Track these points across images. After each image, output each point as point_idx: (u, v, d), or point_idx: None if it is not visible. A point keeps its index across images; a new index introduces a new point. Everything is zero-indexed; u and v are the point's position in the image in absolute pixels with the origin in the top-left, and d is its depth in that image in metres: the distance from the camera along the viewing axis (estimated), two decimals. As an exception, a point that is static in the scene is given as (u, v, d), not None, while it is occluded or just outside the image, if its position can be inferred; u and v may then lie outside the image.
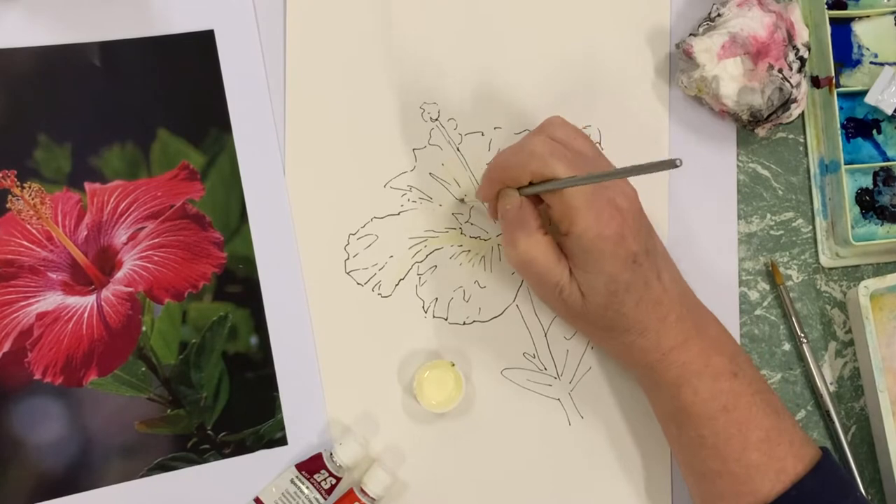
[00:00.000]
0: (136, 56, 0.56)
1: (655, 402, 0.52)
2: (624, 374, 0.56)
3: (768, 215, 0.59)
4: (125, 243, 0.54)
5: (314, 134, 0.57)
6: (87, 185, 0.55)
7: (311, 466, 0.52)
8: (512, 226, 0.49)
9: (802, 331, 0.58)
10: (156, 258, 0.54)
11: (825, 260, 0.59)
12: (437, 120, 0.58)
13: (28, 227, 0.54)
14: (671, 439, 0.52)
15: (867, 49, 0.61)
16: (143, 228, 0.55)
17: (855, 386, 0.58)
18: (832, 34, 0.58)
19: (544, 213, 0.49)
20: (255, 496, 0.53)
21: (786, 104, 0.56)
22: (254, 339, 0.55)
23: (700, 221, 0.58)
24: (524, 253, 0.49)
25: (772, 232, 0.59)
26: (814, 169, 0.60)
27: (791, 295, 0.59)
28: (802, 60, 0.57)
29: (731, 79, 0.56)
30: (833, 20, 0.59)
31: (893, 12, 0.61)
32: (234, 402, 0.54)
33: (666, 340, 0.49)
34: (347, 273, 0.56)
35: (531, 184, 0.48)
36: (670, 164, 0.37)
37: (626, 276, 0.47)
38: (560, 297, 0.49)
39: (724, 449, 0.48)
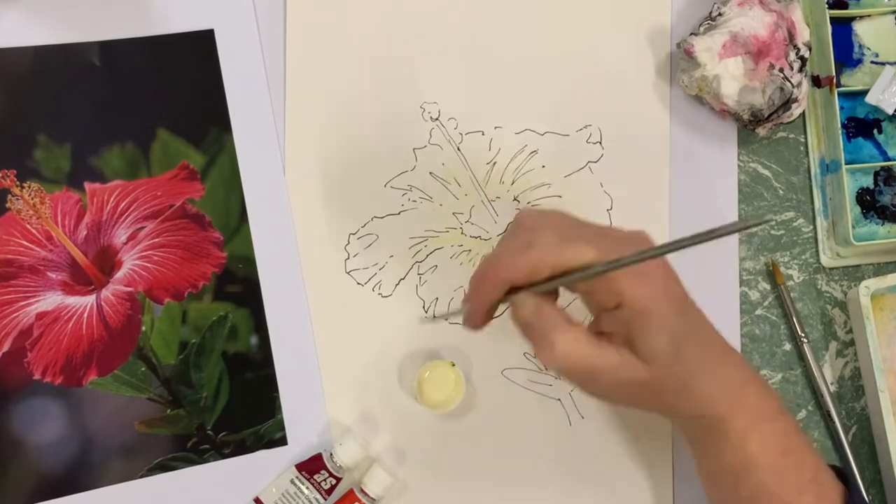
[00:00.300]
0: (135, 56, 0.56)
1: (715, 455, 0.46)
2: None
3: (769, 215, 0.59)
4: (125, 243, 0.54)
5: (314, 133, 0.57)
6: (87, 185, 0.54)
7: (311, 467, 0.52)
8: (540, 331, 0.42)
9: (803, 331, 0.58)
10: (156, 258, 0.54)
11: (826, 260, 0.59)
12: (437, 119, 0.58)
13: (28, 226, 0.54)
14: (723, 492, 0.47)
15: (868, 48, 0.61)
16: (142, 228, 0.55)
17: (856, 386, 0.58)
18: (833, 34, 0.58)
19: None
20: (255, 496, 0.53)
21: (787, 104, 0.56)
22: (254, 339, 0.55)
23: (701, 221, 0.58)
24: (568, 357, 0.42)
25: (772, 232, 0.59)
26: (814, 169, 0.60)
27: (792, 295, 0.58)
28: (803, 60, 0.56)
29: (731, 78, 0.56)
30: (834, 19, 0.59)
31: (894, 12, 0.61)
32: (234, 402, 0.54)
33: (732, 382, 0.45)
34: (348, 273, 0.56)
35: (549, 279, 0.41)
36: (756, 223, 0.34)
37: (683, 323, 0.43)
38: (619, 380, 0.43)
39: (784, 494, 0.45)
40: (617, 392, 0.45)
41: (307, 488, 0.52)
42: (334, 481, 0.52)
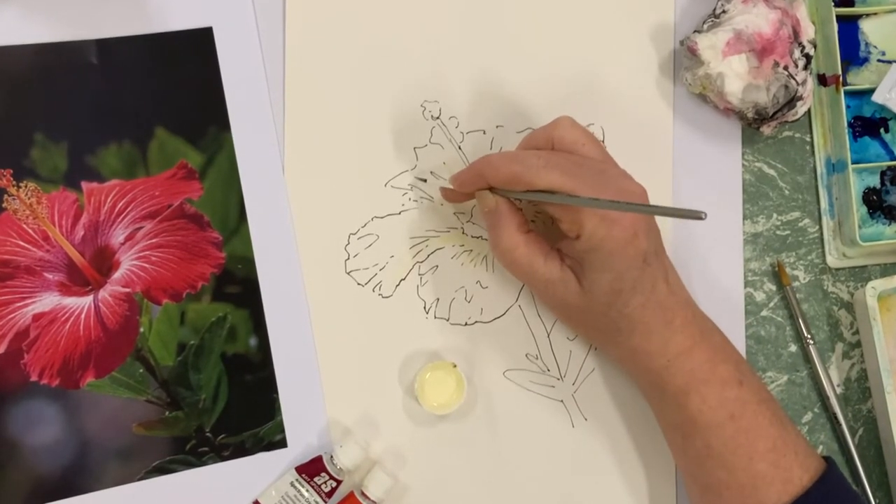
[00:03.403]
0: (133, 54, 0.55)
1: (660, 411, 0.51)
2: (627, 376, 0.56)
3: (774, 215, 0.59)
4: (122, 243, 0.54)
5: (314, 132, 0.56)
6: (84, 185, 0.54)
7: (312, 469, 0.52)
8: (494, 223, 0.50)
9: (809, 332, 0.57)
10: (154, 258, 0.54)
11: (832, 260, 0.59)
12: (438, 118, 0.57)
13: (24, 226, 0.53)
14: (676, 451, 0.51)
15: (874, 47, 0.60)
16: (140, 228, 0.54)
17: (862, 388, 0.58)
18: (839, 31, 0.58)
19: (528, 209, 0.50)
20: (254, 499, 0.53)
21: (791, 102, 0.55)
22: (253, 341, 0.54)
23: (705, 221, 0.58)
24: (506, 252, 0.49)
25: (778, 232, 0.59)
26: (820, 168, 0.59)
27: (797, 296, 0.58)
28: (808, 58, 0.56)
29: (735, 76, 0.55)
30: (840, 17, 0.58)
31: (901, 9, 0.61)
32: (233, 403, 0.54)
33: (672, 346, 0.48)
34: (348, 273, 0.56)
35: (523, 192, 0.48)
36: (692, 215, 0.37)
37: (634, 274, 0.46)
38: (554, 294, 0.49)
39: (732, 459, 0.47)
40: (552, 305, 0.51)
41: (307, 491, 0.52)
42: (335, 484, 0.52)
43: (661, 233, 0.52)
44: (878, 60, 0.60)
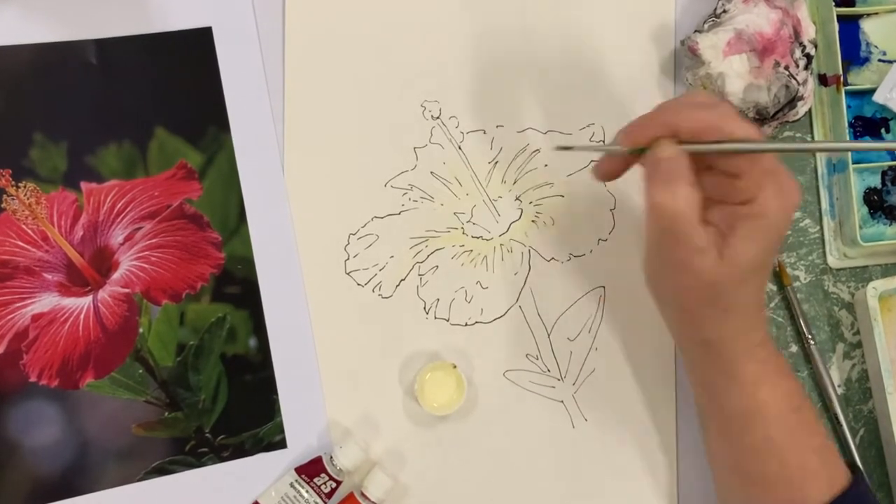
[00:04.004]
0: (133, 53, 0.55)
1: (725, 400, 0.47)
2: (628, 376, 0.56)
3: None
4: (122, 244, 0.54)
5: (313, 132, 0.56)
6: (84, 185, 0.54)
7: (311, 470, 0.52)
8: (667, 175, 0.43)
9: (810, 332, 0.57)
10: (153, 259, 0.54)
11: (833, 261, 0.59)
12: (438, 118, 0.57)
13: (23, 227, 0.53)
14: (726, 441, 0.48)
15: (875, 47, 0.60)
16: (140, 228, 0.54)
17: (863, 388, 0.58)
18: (840, 31, 0.57)
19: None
20: (254, 500, 0.53)
21: (792, 102, 0.55)
22: (252, 341, 0.54)
23: (706, 221, 0.58)
24: (676, 205, 0.43)
25: (778, 232, 0.59)
26: (821, 168, 0.59)
27: (798, 296, 0.58)
28: (809, 57, 0.56)
29: (736, 76, 0.55)
30: (841, 17, 0.58)
31: (902, 9, 0.61)
32: (233, 404, 0.54)
33: (756, 333, 0.46)
34: (348, 273, 0.56)
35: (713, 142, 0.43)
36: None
37: (772, 257, 0.45)
38: (685, 265, 0.44)
39: (788, 451, 0.46)
40: (675, 275, 0.46)
41: (307, 492, 0.52)
42: (334, 485, 0.52)
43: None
44: (879, 60, 0.60)
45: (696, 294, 0.46)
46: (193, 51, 0.56)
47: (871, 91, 0.58)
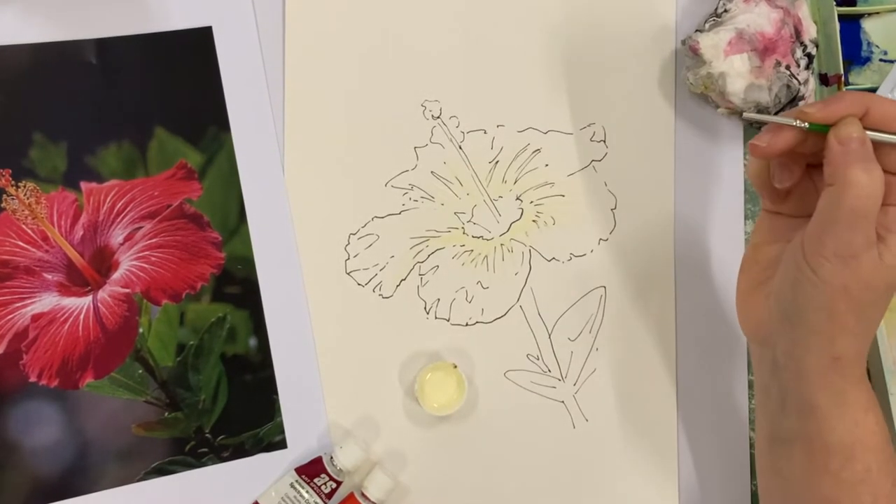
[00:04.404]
0: (132, 53, 0.55)
1: (831, 426, 0.44)
2: (629, 377, 0.56)
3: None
4: (122, 244, 0.54)
5: (314, 132, 0.56)
6: (84, 185, 0.54)
7: (311, 470, 0.52)
8: (865, 154, 0.41)
9: (811, 332, 0.57)
10: (153, 259, 0.54)
11: (834, 260, 0.58)
12: (438, 118, 0.57)
13: (23, 227, 0.53)
14: (824, 476, 0.44)
15: (877, 46, 0.60)
16: (139, 228, 0.54)
17: (864, 388, 0.58)
18: (841, 31, 0.57)
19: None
20: (254, 500, 0.53)
21: (793, 101, 0.55)
22: (253, 341, 0.54)
23: (707, 221, 0.58)
24: (873, 185, 0.41)
25: (779, 232, 0.59)
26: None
27: (799, 296, 0.58)
28: (810, 57, 0.56)
29: (737, 75, 0.55)
30: (842, 17, 0.58)
31: (903, 9, 0.60)
32: (233, 404, 0.54)
33: (866, 355, 0.44)
34: (348, 273, 0.55)
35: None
36: None
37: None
38: (858, 254, 0.41)
39: (882, 484, 0.44)
40: (840, 263, 0.42)
41: (307, 492, 0.51)
42: (335, 485, 0.52)
43: (663, 234, 0.51)
44: (881, 60, 0.60)
45: (849, 295, 0.42)
46: (193, 50, 0.56)
47: (873, 91, 0.57)
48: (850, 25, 0.60)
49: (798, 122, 0.43)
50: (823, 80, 0.59)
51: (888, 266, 0.42)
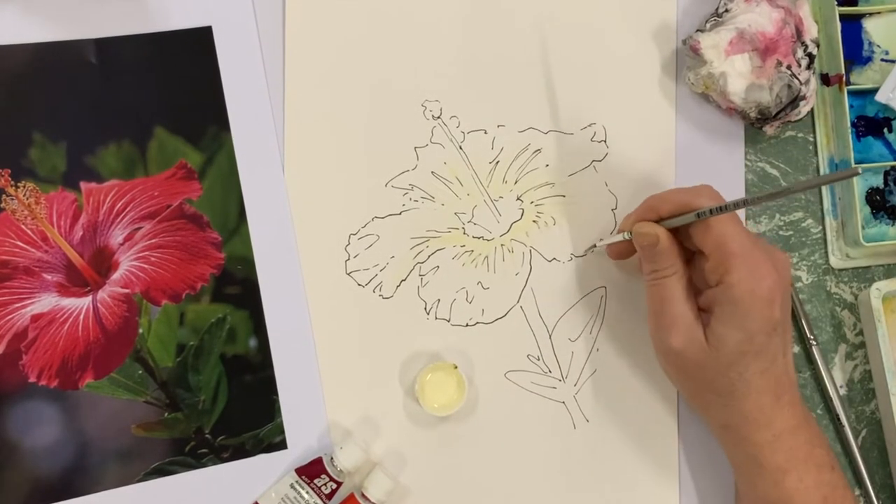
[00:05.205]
0: (132, 53, 0.55)
1: (753, 486, 0.48)
2: (630, 376, 0.56)
3: (777, 215, 0.59)
4: (121, 244, 0.54)
5: (314, 132, 0.56)
6: (83, 185, 0.54)
7: (312, 471, 0.52)
8: (652, 253, 0.48)
9: (812, 333, 0.57)
10: (153, 259, 0.54)
11: (835, 261, 0.58)
12: (439, 118, 0.57)
13: (22, 227, 0.53)
14: None
15: (878, 46, 0.60)
16: (139, 229, 0.54)
17: (865, 389, 0.57)
18: (842, 31, 0.57)
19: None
20: (254, 501, 0.52)
21: (794, 101, 0.55)
22: (253, 342, 0.54)
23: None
24: (663, 282, 0.48)
25: (781, 232, 0.58)
26: (823, 168, 0.59)
27: (800, 296, 0.58)
28: (811, 57, 0.56)
29: (738, 75, 0.55)
30: (843, 16, 0.58)
31: (905, 9, 0.60)
32: (233, 405, 0.53)
33: (779, 421, 0.47)
34: (348, 274, 0.55)
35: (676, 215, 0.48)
36: (852, 173, 0.37)
37: (762, 339, 0.45)
38: (675, 343, 0.47)
39: None
40: (670, 358, 0.48)
41: (307, 493, 0.51)
42: (335, 486, 0.52)
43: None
44: (882, 60, 0.60)
45: (692, 377, 0.48)
46: (193, 50, 0.55)
47: (874, 91, 0.57)
48: (852, 25, 0.60)
49: (625, 235, 0.51)
50: (825, 79, 0.59)
51: (713, 347, 0.46)
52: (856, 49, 0.60)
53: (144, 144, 0.54)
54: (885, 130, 0.60)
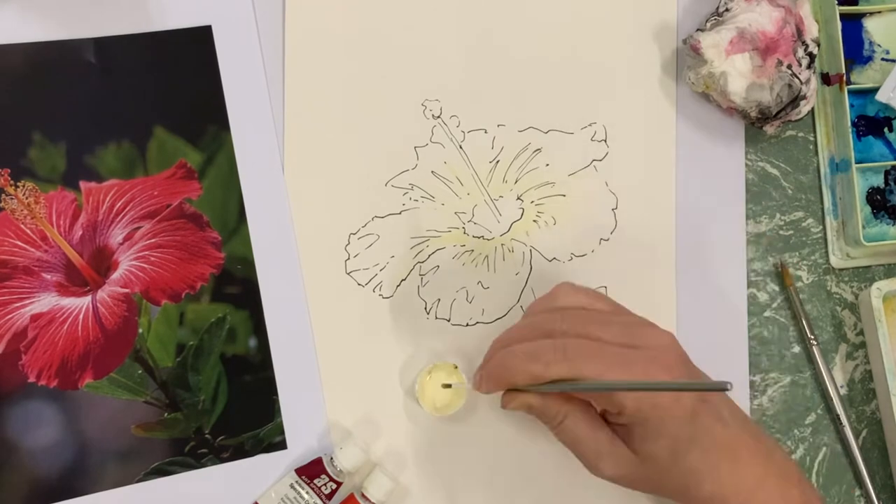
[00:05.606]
0: (132, 52, 0.55)
1: None
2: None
3: (777, 215, 0.58)
4: (121, 243, 0.53)
5: (314, 131, 0.56)
6: (83, 184, 0.54)
7: (311, 471, 0.52)
8: (539, 416, 0.47)
9: (812, 333, 0.57)
10: (152, 258, 0.53)
11: (835, 261, 0.58)
12: (439, 117, 0.57)
13: (22, 226, 0.53)
14: None
15: (878, 45, 0.60)
16: (139, 228, 0.54)
17: (866, 389, 0.57)
18: (843, 30, 0.57)
19: None
20: (253, 501, 0.52)
21: (795, 101, 0.55)
22: (252, 341, 0.54)
23: (708, 221, 0.57)
24: (566, 435, 0.46)
25: (781, 232, 0.58)
26: (824, 168, 0.59)
27: (801, 296, 0.58)
28: (812, 56, 0.56)
29: (739, 75, 0.55)
30: (844, 16, 0.58)
31: (905, 8, 0.60)
32: (233, 405, 0.53)
33: (744, 481, 0.45)
34: (348, 273, 0.55)
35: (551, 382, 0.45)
36: (720, 387, 0.37)
37: (687, 431, 0.44)
38: (605, 471, 0.46)
39: None
40: (617, 478, 0.47)
41: (307, 493, 0.51)
42: (335, 486, 0.51)
43: (664, 234, 0.51)
44: (883, 59, 0.60)
45: (645, 489, 0.47)
46: (193, 50, 0.55)
47: (875, 90, 0.57)
48: (852, 24, 0.60)
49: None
50: (825, 79, 0.59)
51: (649, 460, 0.45)
52: (856, 48, 0.60)
53: (144, 144, 0.54)
54: (886, 130, 0.59)
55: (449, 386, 0.53)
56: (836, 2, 0.57)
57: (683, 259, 0.56)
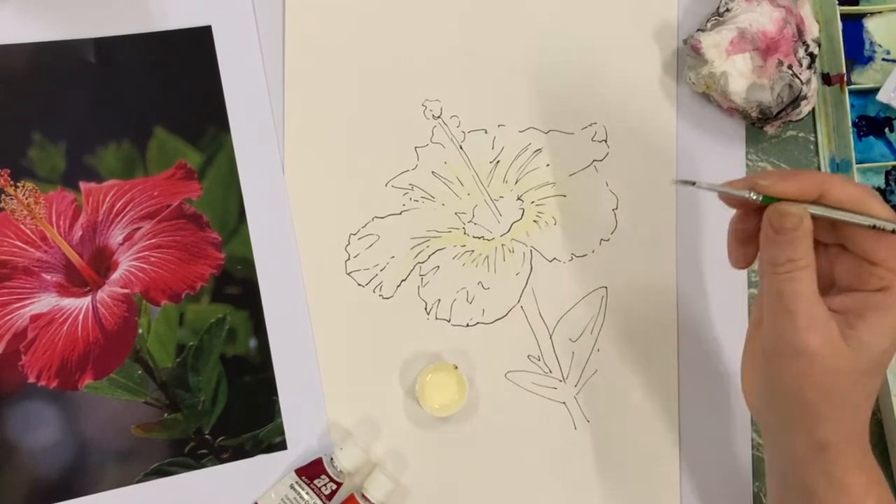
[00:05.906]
0: (132, 53, 0.55)
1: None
2: (631, 377, 0.55)
3: None
4: (121, 244, 0.53)
5: (314, 132, 0.56)
6: (83, 185, 0.54)
7: (311, 471, 0.52)
8: (790, 237, 0.41)
9: (813, 333, 0.57)
10: (152, 259, 0.53)
11: (836, 260, 0.58)
12: (439, 117, 0.57)
13: (22, 227, 0.53)
14: None
15: (879, 45, 0.60)
16: (139, 228, 0.54)
17: (867, 389, 0.57)
18: (843, 30, 0.57)
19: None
20: (253, 502, 0.52)
21: (795, 101, 0.55)
22: (252, 342, 0.54)
23: (709, 220, 0.57)
24: (794, 274, 0.41)
25: (782, 232, 0.58)
26: (824, 168, 0.59)
27: (801, 296, 0.57)
28: (812, 56, 0.56)
29: (739, 75, 0.55)
30: (844, 16, 0.58)
31: (906, 8, 0.60)
32: (233, 405, 0.53)
33: (865, 439, 0.44)
34: (348, 274, 0.55)
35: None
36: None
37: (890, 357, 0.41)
38: (806, 343, 0.41)
39: None
40: (792, 353, 0.42)
41: (307, 493, 0.51)
42: (335, 486, 0.51)
43: (664, 234, 0.51)
44: (883, 59, 0.60)
45: (813, 383, 0.42)
46: (193, 50, 0.55)
47: (875, 90, 0.57)
48: (853, 25, 0.60)
49: (751, 194, 0.41)
50: (826, 79, 0.59)
51: (855, 351, 0.41)
52: (857, 49, 0.60)
53: (144, 144, 0.54)
54: (887, 130, 0.59)
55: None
56: (837, 2, 0.57)
57: (684, 258, 0.56)
